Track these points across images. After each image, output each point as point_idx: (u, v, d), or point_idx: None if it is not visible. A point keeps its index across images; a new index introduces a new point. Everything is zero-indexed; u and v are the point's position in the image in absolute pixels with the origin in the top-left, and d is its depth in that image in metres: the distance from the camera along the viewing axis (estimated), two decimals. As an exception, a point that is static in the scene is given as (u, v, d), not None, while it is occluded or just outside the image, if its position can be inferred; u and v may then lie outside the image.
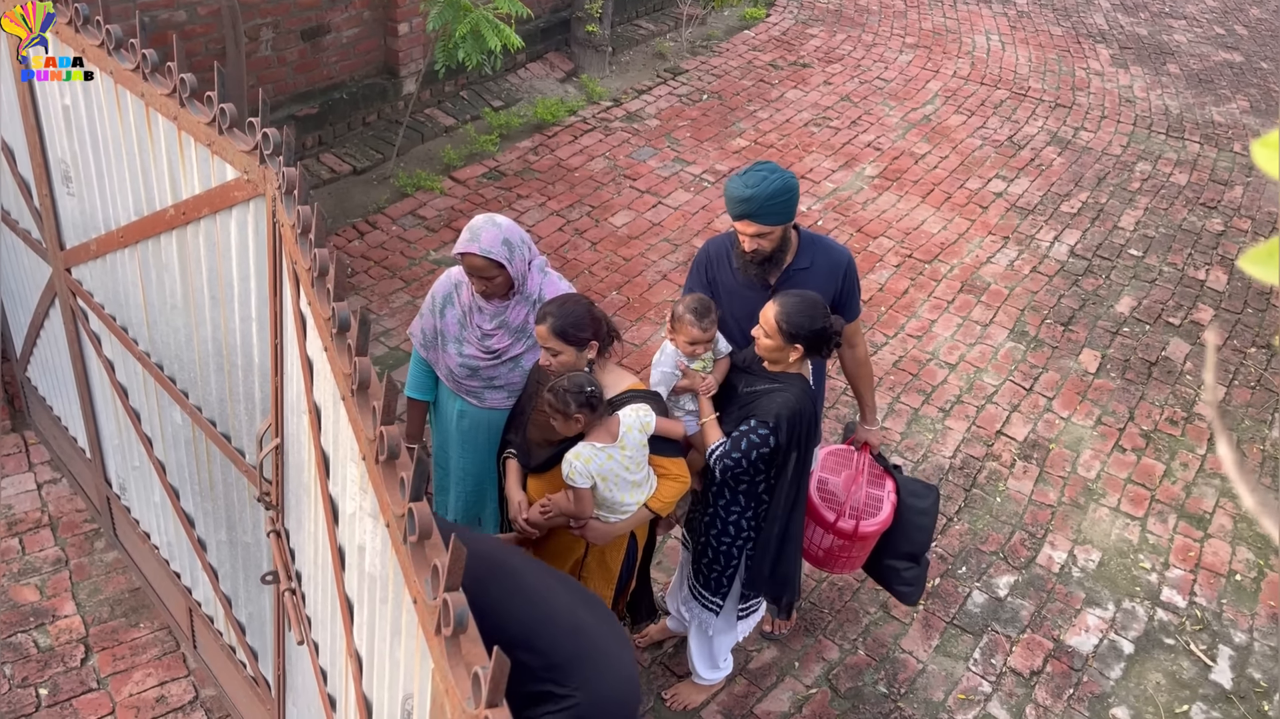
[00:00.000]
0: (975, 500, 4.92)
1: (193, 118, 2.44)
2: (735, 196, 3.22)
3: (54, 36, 2.97)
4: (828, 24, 9.70)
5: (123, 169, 2.93)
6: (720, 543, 3.41)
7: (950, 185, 7.39)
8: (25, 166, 3.50)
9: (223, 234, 2.56)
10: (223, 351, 2.78)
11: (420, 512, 1.46)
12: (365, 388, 1.60)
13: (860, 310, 3.60)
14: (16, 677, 3.61)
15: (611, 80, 8.13)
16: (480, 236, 3.11)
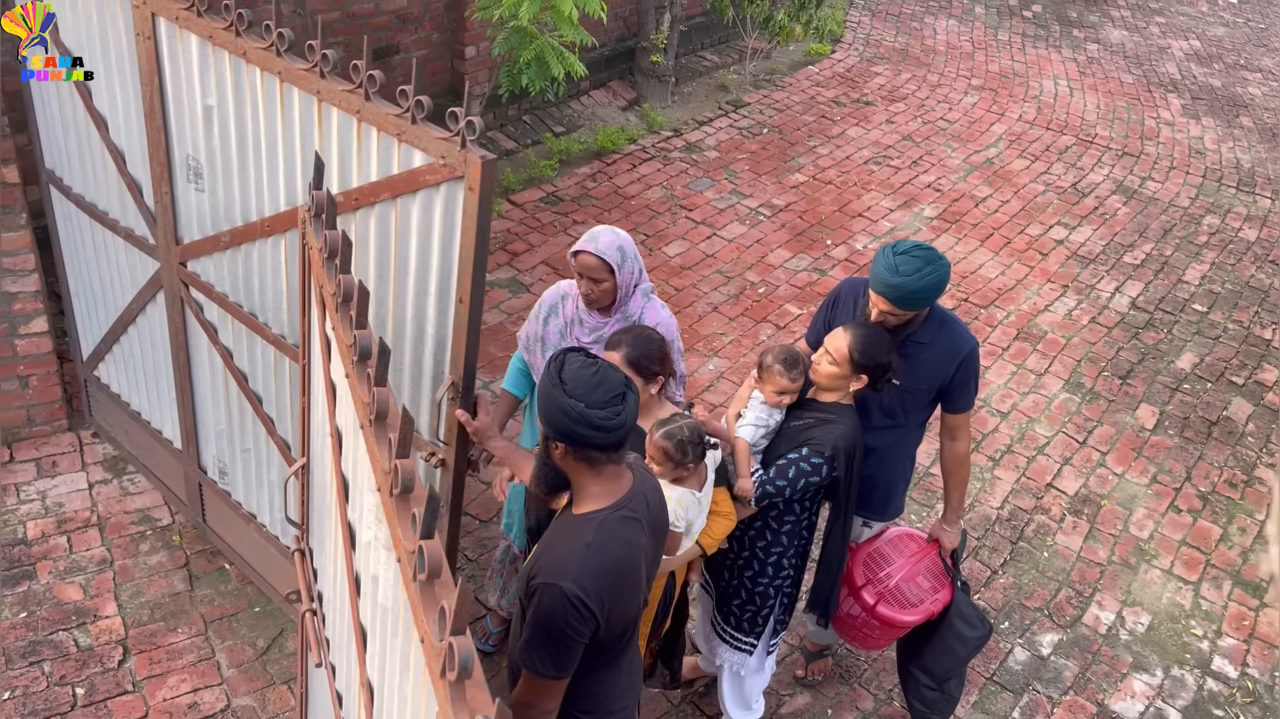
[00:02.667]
0: (1021, 554, 4.79)
1: (380, 110, 2.65)
2: (882, 278, 3.13)
3: (210, 42, 3.08)
4: (893, 63, 9.63)
5: (275, 163, 3.10)
6: (757, 584, 3.35)
7: (1010, 230, 7.26)
8: (139, 167, 3.63)
9: (402, 216, 2.77)
10: (386, 327, 2.98)
11: (431, 550, 1.44)
12: (384, 418, 1.59)
13: (971, 404, 3.46)
14: (55, 674, 3.65)
15: (673, 110, 8.15)
16: (598, 239, 3.21)
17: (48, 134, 3.96)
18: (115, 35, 3.40)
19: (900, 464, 3.58)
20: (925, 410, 3.48)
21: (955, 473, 3.56)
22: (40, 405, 4.46)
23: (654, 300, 3.39)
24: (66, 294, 4.39)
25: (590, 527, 2.29)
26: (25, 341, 4.27)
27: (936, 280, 3.16)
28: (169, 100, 3.34)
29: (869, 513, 3.65)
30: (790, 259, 6.62)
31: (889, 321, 3.24)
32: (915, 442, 3.58)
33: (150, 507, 4.32)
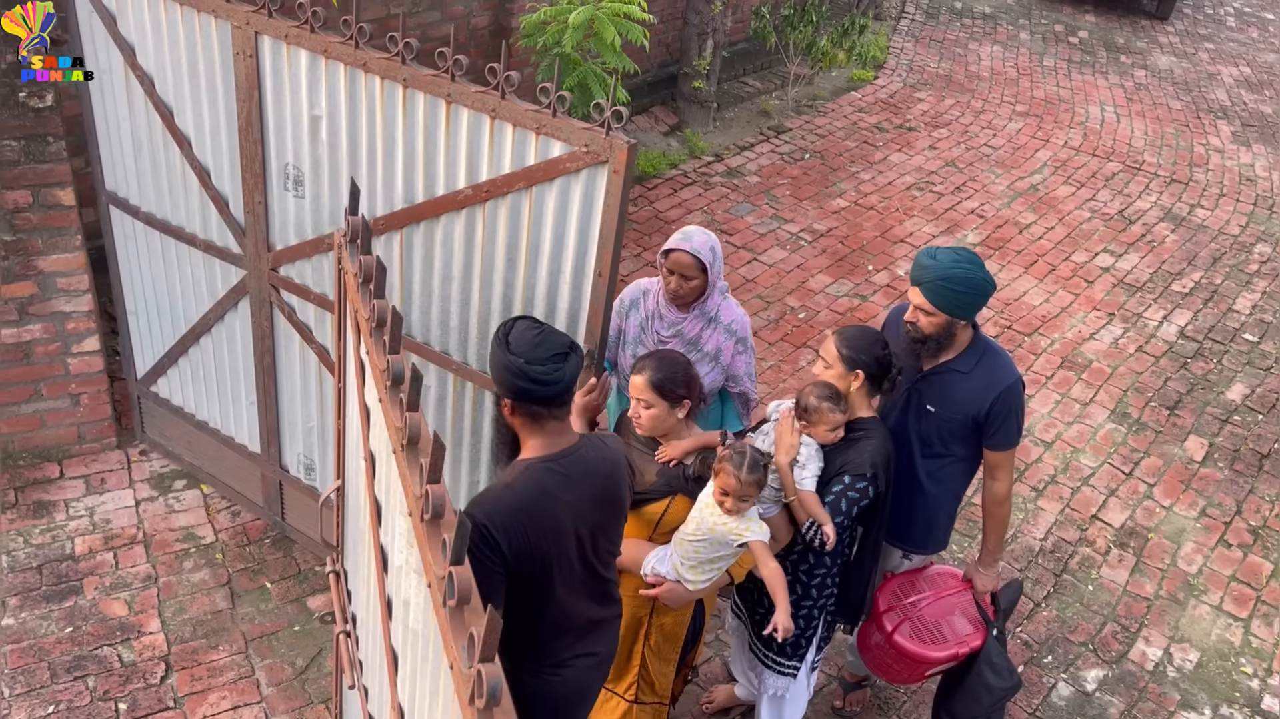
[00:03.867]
0: (1065, 587, 4.70)
1: (517, 107, 2.88)
2: (918, 263, 3.19)
3: (323, 56, 3.24)
4: (936, 89, 9.60)
5: (391, 165, 3.26)
6: (800, 607, 3.30)
7: (1055, 257, 7.18)
8: (225, 181, 3.76)
9: (536, 203, 3.01)
10: (514, 305, 3.22)
11: (461, 576, 1.45)
12: (415, 443, 1.60)
13: (1013, 444, 3.33)
14: (99, 689, 3.70)
15: (714, 136, 8.18)
16: (692, 238, 3.30)
17: (111, 157, 4.07)
18: (207, 58, 3.53)
19: (943, 498, 3.49)
20: (966, 444, 3.37)
21: (992, 513, 3.46)
22: (90, 423, 4.55)
23: (730, 299, 3.50)
24: (122, 313, 4.49)
25: (516, 470, 2.53)
26: (77, 360, 4.37)
27: (967, 275, 3.11)
28: (268, 114, 3.49)
29: (910, 545, 3.60)
30: (831, 285, 6.60)
31: (920, 324, 3.18)
32: (959, 476, 3.47)
33: (194, 524, 4.39)
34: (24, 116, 3.80)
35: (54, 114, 3.86)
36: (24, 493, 4.39)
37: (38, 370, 4.33)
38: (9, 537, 4.19)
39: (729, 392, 3.64)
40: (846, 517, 3.10)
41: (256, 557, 4.30)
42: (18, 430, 4.43)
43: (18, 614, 3.91)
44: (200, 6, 3.44)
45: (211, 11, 3.42)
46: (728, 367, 3.52)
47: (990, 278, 3.18)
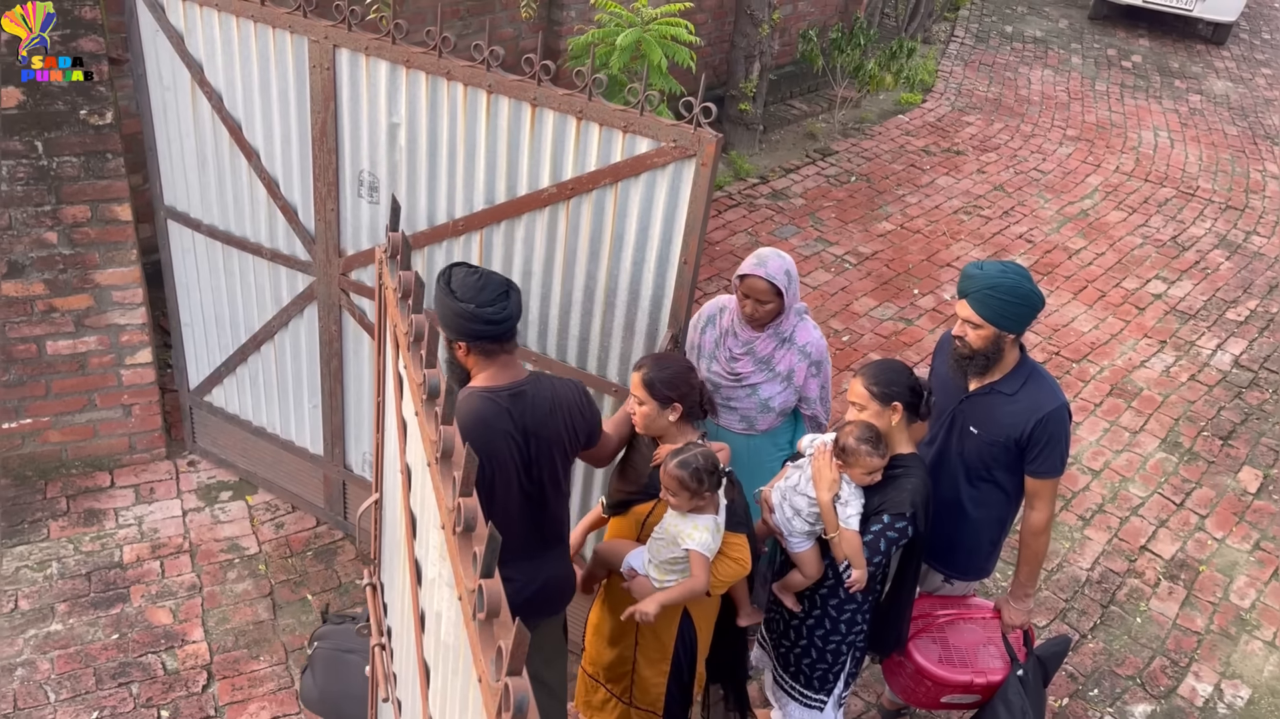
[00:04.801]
0: (1113, 618, 4.61)
1: (605, 107, 3.06)
2: (964, 273, 3.18)
3: (404, 66, 3.38)
4: (985, 112, 9.53)
5: (472, 168, 3.42)
6: (829, 642, 3.26)
7: (1105, 283, 7.08)
8: (295, 191, 3.88)
9: (621, 197, 3.19)
10: (597, 296, 3.41)
11: (490, 589, 1.46)
12: (449, 456, 1.62)
13: (1055, 473, 3.25)
14: (142, 696, 3.76)
15: (760, 158, 8.19)
16: (767, 263, 3.32)
17: (171, 172, 4.19)
18: (280, 72, 3.66)
19: (986, 524, 3.42)
20: (1010, 470, 3.31)
21: (1028, 544, 3.37)
22: (141, 434, 4.65)
23: (806, 320, 3.51)
24: (176, 326, 4.60)
25: (460, 396, 2.74)
26: (130, 372, 4.47)
27: (1013, 286, 3.06)
28: (343, 123, 3.61)
29: (951, 570, 3.55)
30: (875, 308, 6.56)
31: (968, 337, 3.14)
32: (1003, 503, 3.40)
33: (239, 535, 4.45)
34: (84, 133, 3.92)
35: (113, 131, 3.97)
36: (75, 501, 4.49)
37: (92, 381, 4.43)
38: (60, 544, 4.29)
39: (801, 414, 3.63)
40: (884, 556, 3.05)
41: (299, 569, 4.35)
42: (71, 439, 4.53)
43: (66, 620, 3.99)
44: (276, 23, 3.56)
45: (288, 28, 3.54)
46: (800, 388, 3.51)
47: (1038, 291, 3.14)
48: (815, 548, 3.13)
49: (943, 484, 3.39)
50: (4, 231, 3.98)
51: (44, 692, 3.72)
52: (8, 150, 3.84)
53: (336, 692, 3.24)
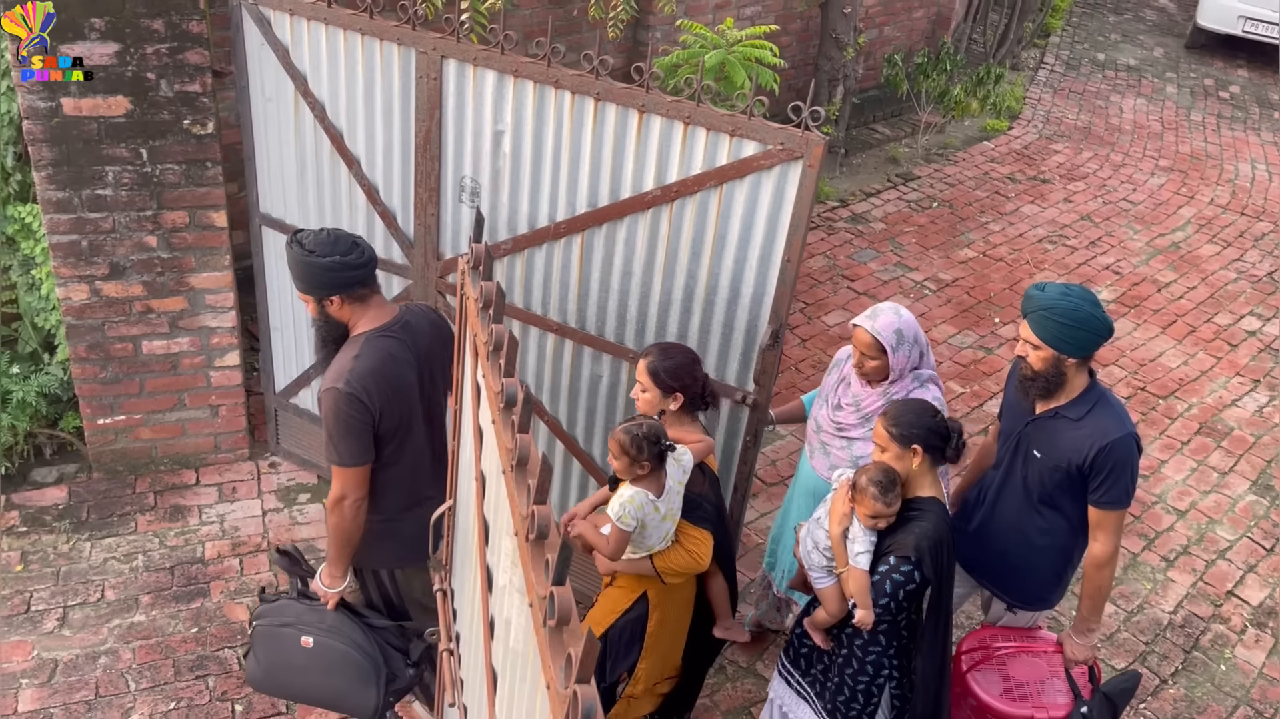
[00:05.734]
0: (1195, 664, 4.45)
1: (713, 112, 3.20)
2: (1026, 293, 3.15)
3: (512, 76, 3.51)
4: (1074, 141, 9.34)
5: (576, 173, 3.54)
6: (858, 681, 3.19)
7: (1196, 318, 6.87)
8: (396, 196, 4.02)
9: (726, 199, 3.32)
10: (696, 294, 3.53)
11: (561, 596, 1.47)
12: (524, 464, 1.65)
13: (1119, 505, 3.15)
14: (218, 690, 3.86)
15: (840, 181, 8.14)
16: (878, 317, 3.30)
17: (268, 181, 4.34)
18: (385, 82, 3.79)
19: (1050, 554, 3.35)
20: (1075, 499, 3.23)
21: (1089, 577, 3.26)
22: (226, 434, 4.79)
23: (928, 388, 3.34)
24: (265, 330, 4.74)
25: (358, 343, 2.94)
26: (219, 373, 4.62)
27: (1072, 308, 3.01)
28: (447, 131, 3.73)
29: (1013, 597, 3.48)
30: (955, 335, 6.46)
31: (1029, 359, 3.09)
32: (1069, 533, 3.31)
33: (315, 537, 4.55)
34: (186, 142, 4.07)
35: (214, 141, 4.12)
36: (162, 497, 4.64)
37: (183, 381, 4.59)
38: (146, 537, 4.43)
39: None
40: (892, 599, 2.97)
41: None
42: (161, 437, 4.69)
43: (149, 612, 4.12)
44: (384, 36, 3.69)
45: (396, 40, 3.67)
46: None
47: (1104, 317, 3.07)
48: (836, 585, 3.08)
49: (1006, 507, 3.34)
50: (108, 235, 4.16)
51: (125, 680, 3.84)
52: (114, 157, 4.01)
53: (277, 665, 3.32)
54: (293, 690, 3.43)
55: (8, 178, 4.44)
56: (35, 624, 4.02)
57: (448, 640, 2.57)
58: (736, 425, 3.70)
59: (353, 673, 3.23)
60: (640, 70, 3.31)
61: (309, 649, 3.23)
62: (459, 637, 2.56)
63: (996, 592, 3.48)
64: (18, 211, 4.36)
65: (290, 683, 3.36)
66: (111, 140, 3.98)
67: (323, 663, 3.24)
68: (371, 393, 2.88)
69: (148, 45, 3.85)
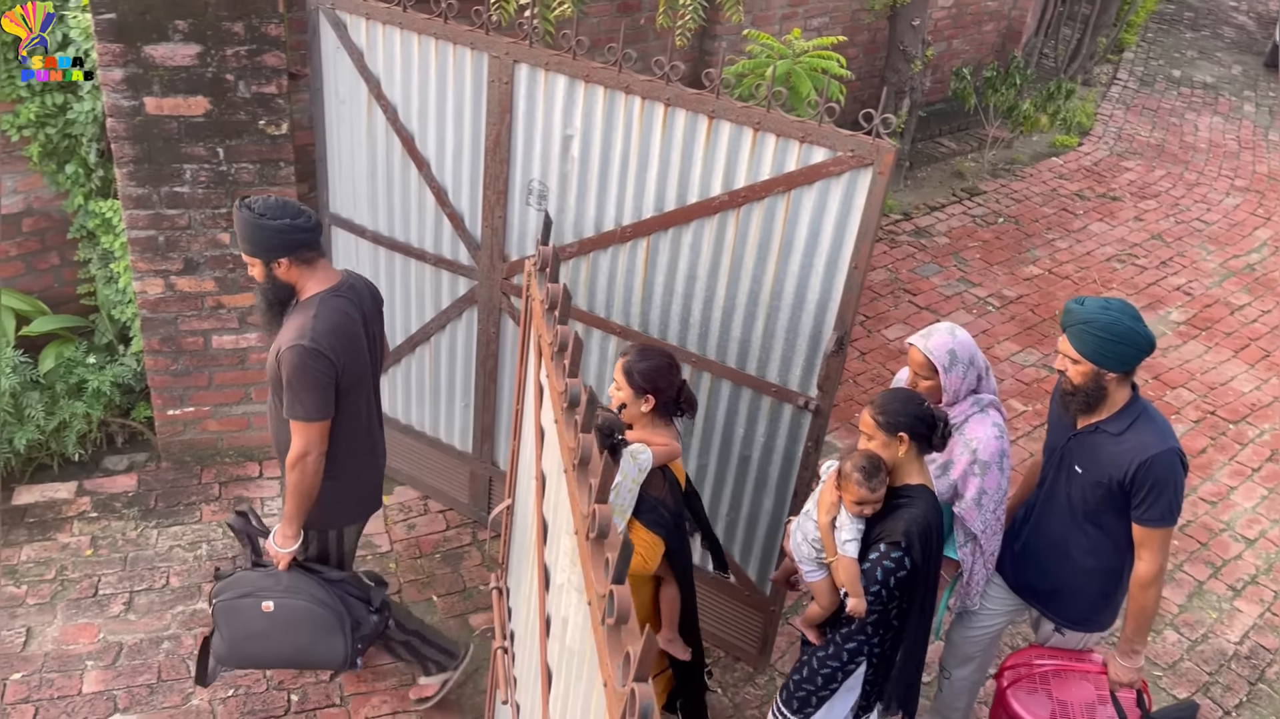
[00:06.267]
0: (1260, 697, 4.32)
1: (784, 119, 3.23)
2: (1065, 307, 3.12)
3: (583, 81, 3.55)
4: (1146, 158, 9.16)
5: (643, 177, 3.58)
6: (826, 666, 3.16)
7: (1270, 342, 6.68)
8: (464, 199, 4.08)
9: (793, 204, 3.34)
10: (761, 299, 3.54)
11: (620, 595, 1.48)
12: (586, 464, 1.66)
13: (1163, 521, 3.07)
14: (275, 679, 3.94)
15: (904, 194, 8.07)
16: (932, 336, 3.24)
17: (339, 182, 4.42)
18: (457, 85, 3.85)
19: (1096, 573, 3.27)
20: (1119, 516, 3.16)
21: (1134, 597, 3.18)
22: (289, 429, 4.89)
23: (987, 415, 3.24)
24: (329, 330, 4.83)
25: (313, 304, 3.07)
26: (284, 370, 4.71)
27: (1111, 322, 2.97)
28: (517, 135, 3.80)
29: (1059, 617, 3.41)
30: (1018, 353, 6.36)
31: (1069, 373, 3.06)
32: (1115, 552, 3.23)
33: (373, 533, 4.62)
34: (261, 142, 4.17)
35: (287, 141, 4.21)
36: (226, 488, 4.74)
37: (249, 376, 4.69)
38: (210, 527, 4.53)
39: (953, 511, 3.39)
40: (883, 586, 2.95)
41: (426, 570, 4.48)
42: (227, 429, 4.80)
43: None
44: (458, 40, 3.76)
45: (469, 44, 3.74)
46: (957, 482, 3.25)
47: (1145, 331, 3.02)
48: (828, 578, 3.09)
49: (1050, 525, 3.30)
50: (183, 231, 4.27)
51: (186, 666, 3.93)
52: (192, 155, 4.13)
53: (240, 637, 3.38)
54: (260, 659, 3.52)
55: (90, 174, 4.59)
56: (102, 608, 4.13)
57: (502, 638, 2.59)
58: (798, 431, 3.70)
59: (317, 627, 3.35)
60: (710, 77, 3.34)
61: (270, 613, 3.33)
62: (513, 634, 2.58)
63: (1044, 611, 3.42)
64: (99, 207, 4.50)
65: (256, 652, 3.45)
66: (190, 139, 4.09)
67: (285, 623, 3.34)
68: (336, 349, 3.03)
69: (228, 47, 3.96)
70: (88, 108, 4.36)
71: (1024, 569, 3.41)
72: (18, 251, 4.72)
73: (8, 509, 4.50)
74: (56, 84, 4.41)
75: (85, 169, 4.59)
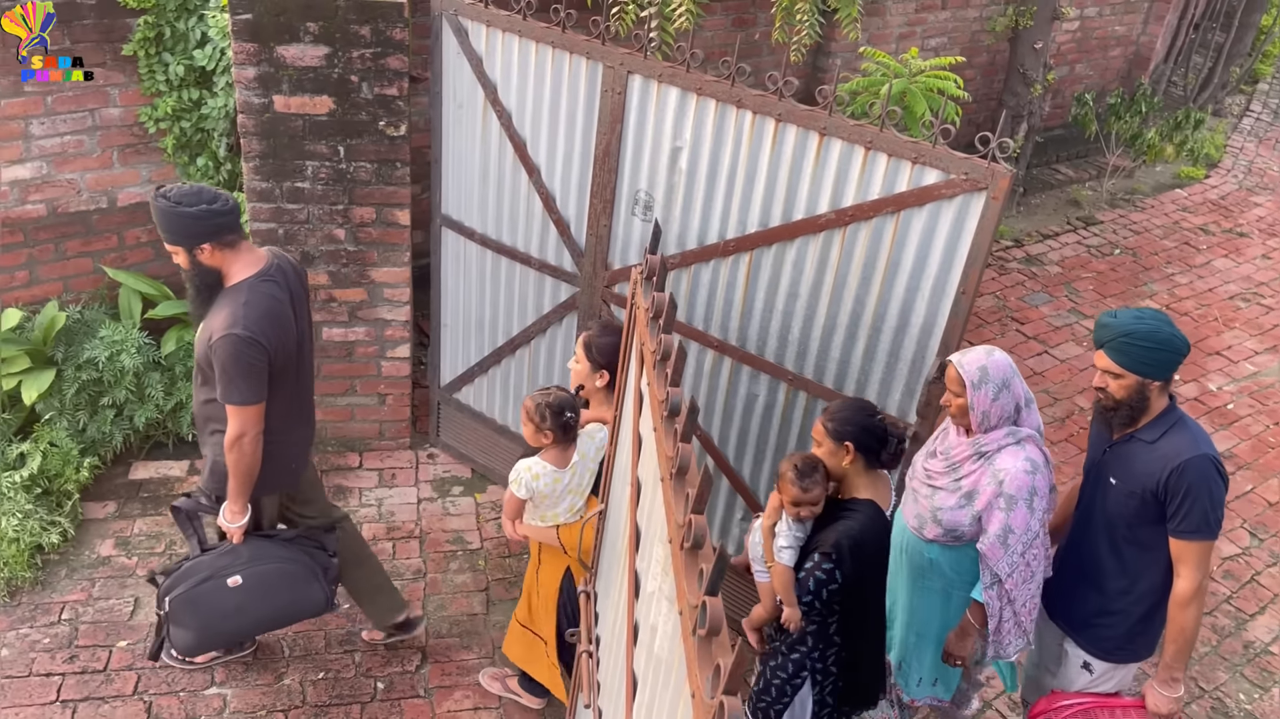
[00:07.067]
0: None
1: (897, 139, 3.20)
2: (1098, 322, 3.06)
3: (695, 94, 3.58)
4: (1277, 194, 8.76)
5: (750, 192, 3.59)
6: (776, 676, 3.18)
7: (1406, 392, 6.31)
8: (571, 206, 4.16)
9: (902, 226, 3.30)
10: (863, 320, 3.51)
11: (713, 606, 1.48)
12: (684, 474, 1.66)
13: (1200, 533, 2.93)
14: (363, 666, 4.03)
15: (1016, 220, 7.88)
16: (969, 352, 3.16)
17: (452, 184, 4.53)
18: (571, 94, 3.92)
19: (1132, 597, 3.12)
20: (1152, 529, 3.01)
21: (1172, 617, 3.00)
22: (391, 423, 5.01)
23: (1021, 448, 3.03)
24: (435, 326, 4.94)
25: (243, 290, 3.15)
26: (390, 364, 4.84)
27: (1152, 332, 2.90)
28: (626, 145, 3.85)
29: (1092, 645, 3.24)
30: (1129, 389, 6.13)
31: (1109, 388, 2.98)
32: (1151, 572, 3.06)
33: (464, 529, 4.70)
34: (380, 143, 4.30)
35: (405, 142, 4.33)
36: (327, 476, 4.88)
37: (356, 369, 4.83)
38: (310, 513, 4.67)
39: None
40: (815, 597, 2.94)
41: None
42: (331, 420, 4.94)
43: (307, 583, 4.33)
44: (574, 49, 3.82)
45: (585, 54, 3.79)
46: (980, 514, 3.06)
47: (1180, 335, 2.95)
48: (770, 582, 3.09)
49: (1084, 543, 3.20)
50: (302, 225, 4.42)
51: (282, 646, 4.05)
52: (315, 153, 4.27)
53: (210, 620, 3.44)
54: (237, 634, 3.62)
55: (219, 167, 4.78)
56: (206, 583, 4.29)
57: (588, 642, 2.60)
58: None
59: (295, 581, 3.52)
60: (823, 94, 3.33)
61: (240, 586, 3.43)
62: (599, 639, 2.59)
63: (1076, 639, 3.26)
64: (225, 198, 4.69)
65: (231, 629, 3.55)
66: (314, 137, 4.23)
67: (260, 589, 3.46)
68: (268, 334, 3.13)
69: (354, 49, 4.09)
70: (220, 104, 4.55)
71: (1058, 593, 3.28)
72: (147, 238, 4.95)
73: (125, 483, 4.71)
74: (194, 79, 4.63)
75: (215, 162, 4.79)
